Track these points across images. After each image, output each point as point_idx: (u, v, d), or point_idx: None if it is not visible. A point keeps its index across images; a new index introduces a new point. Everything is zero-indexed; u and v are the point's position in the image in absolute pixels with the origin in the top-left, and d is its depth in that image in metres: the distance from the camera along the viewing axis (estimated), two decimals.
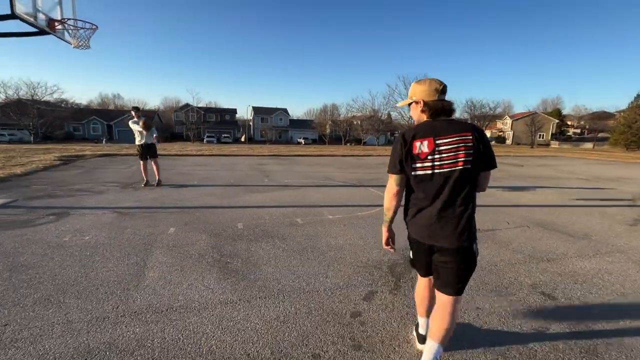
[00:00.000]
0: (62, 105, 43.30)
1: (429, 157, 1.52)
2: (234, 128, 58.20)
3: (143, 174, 6.95)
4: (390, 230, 1.82)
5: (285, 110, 63.01)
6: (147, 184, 6.92)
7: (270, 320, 2.23)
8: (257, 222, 4.48)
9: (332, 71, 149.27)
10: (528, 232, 4.35)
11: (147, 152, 6.94)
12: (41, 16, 4.42)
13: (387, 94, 50.83)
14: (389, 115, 49.69)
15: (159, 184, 6.98)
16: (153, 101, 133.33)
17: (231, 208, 5.24)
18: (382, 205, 1.83)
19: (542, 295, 2.67)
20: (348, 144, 49.75)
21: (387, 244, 1.85)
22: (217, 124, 56.52)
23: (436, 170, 1.53)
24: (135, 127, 6.79)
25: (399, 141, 1.60)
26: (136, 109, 7.13)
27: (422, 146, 1.53)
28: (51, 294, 2.46)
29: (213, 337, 2.03)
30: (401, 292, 2.68)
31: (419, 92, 1.63)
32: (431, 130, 1.54)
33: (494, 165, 1.58)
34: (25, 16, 4.13)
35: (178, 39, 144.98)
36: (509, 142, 57.94)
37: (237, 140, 53.99)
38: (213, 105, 69.06)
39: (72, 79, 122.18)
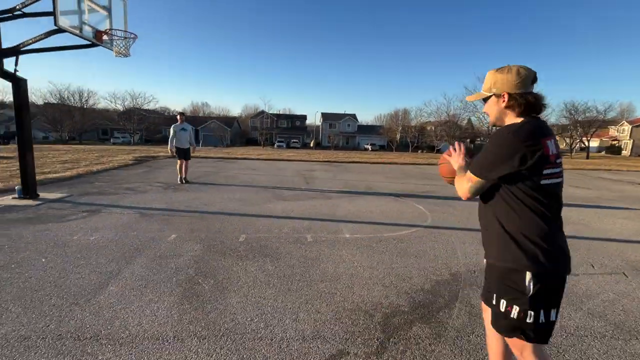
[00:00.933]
0: (165, 113, 50.64)
1: (557, 161, 1.22)
2: (303, 134, 60.20)
3: (178, 172, 7.80)
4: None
5: (353, 116, 62.83)
6: (184, 180, 7.76)
7: None
8: (262, 236, 4.06)
9: (404, 75, 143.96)
10: (623, 284, 3.02)
11: (183, 154, 7.70)
12: (87, 28, 4.82)
13: (464, 98, 46.20)
14: (469, 120, 45.22)
15: (185, 181, 7.79)
16: (235, 109, 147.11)
17: (247, 216, 4.95)
18: (421, 226, 1.54)
19: None
20: (419, 151, 46.91)
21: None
22: (288, 130, 59.20)
23: (560, 179, 1.25)
24: (174, 133, 7.61)
25: (519, 138, 1.18)
26: (181, 114, 7.78)
27: (551, 146, 1.20)
28: (6, 300, 2.39)
29: None
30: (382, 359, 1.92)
31: (501, 82, 1.30)
32: (546, 128, 1.24)
33: None
34: (71, 29, 4.52)
35: (261, 48, 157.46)
36: (626, 153, 47.25)
37: (305, 145, 55.66)
38: (287, 112, 72.75)
39: (171, 89, 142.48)
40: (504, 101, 1.29)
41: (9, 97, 45.14)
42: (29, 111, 5.23)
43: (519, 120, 1.27)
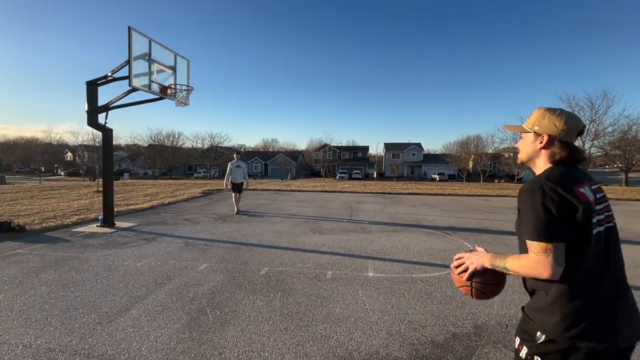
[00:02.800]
0: (241, 149, 56.56)
1: (597, 208, 1.11)
2: (365, 164, 60.29)
3: (235, 204, 8.67)
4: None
5: (418, 145, 60.90)
6: (237, 212, 8.52)
7: None
8: (283, 270, 4.12)
9: (473, 99, 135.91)
10: None
11: (237, 188, 8.56)
12: (155, 85, 5.84)
13: None
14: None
15: (237, 212, 8.58)
16: (301, 143, 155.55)
17: (277, 248, 5.09)
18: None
19: None
20: (496, 181, 42.72)
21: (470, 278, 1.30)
22: (350, 161, 59.99)
23: (606, 225, 1.13)
24: (230, 170, 8.51)
25: (549, 189, 1.08)
26: (237, 153, 8.80)
27: (587, 192, 1.10)
28: (54, 315, 2.85)
29: None
30: None
31: (547, 123, 1.22)
32: (580, 174, 1.17)
33: None
34: (141, 87, 5.55)
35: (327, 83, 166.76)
36: None
37: (367, 176, 55.43)
38: (351, 143, 74.33)
39: (246, 128, 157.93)
40: (541, 142, 1.22)
41: (115, 141, 54.23)
42: (112, 155, 6.42)
43: (548, 166, 1.22)
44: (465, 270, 1.28)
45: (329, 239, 5.78)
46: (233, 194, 8.64)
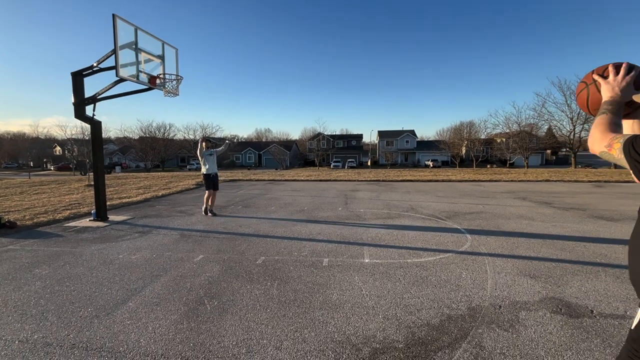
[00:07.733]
0: (234, 140, 56.19)
1: None
2: (359, 153, 60.33)
3: (205, 202, 6.84)
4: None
5: (412, 132, 61.08)
6: (211, 212, 6.85)
7: None
8: (280, 258, 4.14)
9: (464, 86, 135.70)
10: None
11: (213, 183, 6.78)
12: (143, 76, 5.69)
13: (537, 105, 41.65)
14: (550, 130, 40.61)
15: (208, 212, 6.88)
16: (295, 132, 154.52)
17: (273, 238, 5.10)
18: (454, 252, 1.47)
19: None
20: (489, 166, 43.28)
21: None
22: (344, 150, 60.03)
23: None
24: (200, 156, 6.80)
25: None
26: (207, 140, 7.03)
27: None
28: (50, 310, 2.83)
29: None
30: None
31: None
32: None
33: None
34: (129, 78, 5.40)
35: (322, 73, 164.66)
36: None
37: (361, 165, 55.56)
38: (344, 132, 74.23)
39: (240, 118, 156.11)
40: None
41: (105, 134, 53.36)
42: (102, 148, 6.29)
43: None
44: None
45: (325, 227, 5.80)
46: (207, 192, 6.75)
